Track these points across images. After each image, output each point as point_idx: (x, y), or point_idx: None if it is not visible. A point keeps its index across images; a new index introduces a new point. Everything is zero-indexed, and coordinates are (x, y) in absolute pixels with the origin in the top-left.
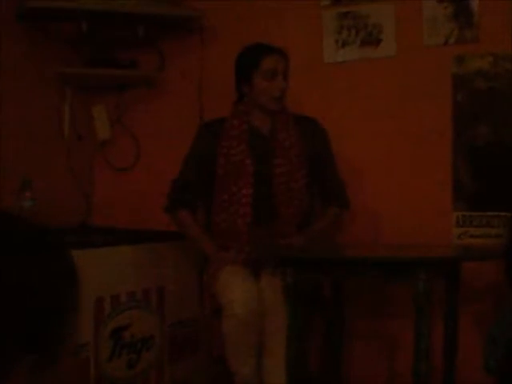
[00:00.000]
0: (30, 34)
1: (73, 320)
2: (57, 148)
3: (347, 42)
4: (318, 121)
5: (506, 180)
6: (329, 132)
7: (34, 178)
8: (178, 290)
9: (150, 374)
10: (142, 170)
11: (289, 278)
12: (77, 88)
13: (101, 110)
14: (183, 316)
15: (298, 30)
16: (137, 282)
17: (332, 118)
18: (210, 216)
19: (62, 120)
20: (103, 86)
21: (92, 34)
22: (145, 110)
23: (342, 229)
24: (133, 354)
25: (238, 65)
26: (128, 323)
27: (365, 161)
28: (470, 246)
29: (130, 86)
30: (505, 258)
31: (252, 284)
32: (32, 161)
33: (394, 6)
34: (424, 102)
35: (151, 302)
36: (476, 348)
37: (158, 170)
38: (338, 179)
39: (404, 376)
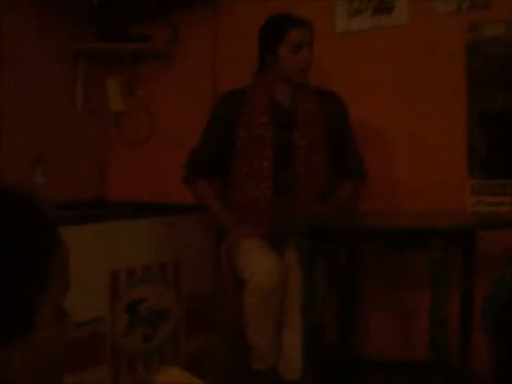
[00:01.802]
0: (43, 8)
1: (51, 285)
2: (70, 122)
3: (359, 11)
4: (339, 95)
5: None
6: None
7: (48, 153)
8: (195, 263)
9: (166, 347)
10: (157, 143)
11: (305, 249)
12: (90, 61)
13: (114, 83)
14: (199, 289)
15: (311, 1)
16: (152, 255)
17: (344, 88)
18: (228, 188)
19: (75, 94)
20: (116, 59)
21: (105, 8)
22: (158, 82)
23: (357, 198)
24: (149, 328)
25: (262, 35)
26: (144, 297)
27: (378, 129)
28: (485, 214)
29: (143, 59)
30: None
31: (274, 256)
32: (45, 135)
33: None
34: (437, 69)
35: (167, 275)
36: None
37: (172, 143)
38: (357, 153)
39: (420, 346)
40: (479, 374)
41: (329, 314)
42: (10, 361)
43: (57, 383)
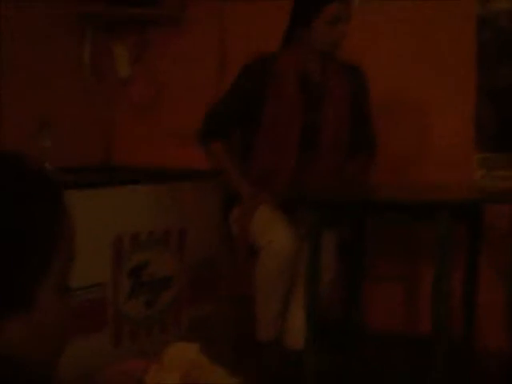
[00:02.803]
0: None
1: (54, 254)
2: (77, 86)
3: None
4: (363, 69)
5: None
6: None
7: (54, 117)
8: (200, 230)
9: (168, 313)
10: (163, 109)
11: (311, 220)
12: (98, 26)
13: (121, 49)
14: (204, 257)
15: None
16: (157, 222)
17: (357, 58)
18: (247, 154)
19: (82, 59)
20: (124, 25)
21: None
22: (166, 48)
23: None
24: (151, 294)
25: (297, 5)
26: (147, 262)
27: (388, 100)
28: (492, 187)
29: (151, 25)
30: None
31: (290, 226)
32: (52, 100)
33: None
34: (448, 42)
35: (171, 241)
36: (495, 291)
37: (178, 109)
38: (371, 128)
39: (424, 320)
40: (482, 348)
41: (335, 287)
42: (11, 332)
43: (58, 355)
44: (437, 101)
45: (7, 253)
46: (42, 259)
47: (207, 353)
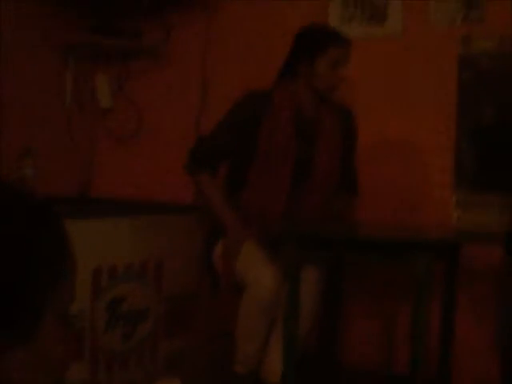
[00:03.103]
0: (35, 2)
1: (58, 291)
2: (58, 116)
3: (353, 19)
4: (354, 113)
5: (508, 162)
6: None
7: (35, 147)
8: (178, 264)
9: (144, 346)
10: (144, 141)
11: (290, 255)
12: (80, 56)
13: (103, 79)
14: (181, 290)
15: (305, 5)
16: (135, 254)
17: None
18: (237, 189)
19: (64, 88)
20: (106, 55)
21: (97, 4)
22: (148, 80)
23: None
24: (128, 326)
25: (301, 43)
26: (124, 295)
27: (367, 139)
28: (470, 228)
29: (133, 56)
30: (505, 242)
31: (276, 265)
32: (33, 129)
33: None
34: (429, 81)
35: (148, 274)
36: (473, 330)
37: (159, 141)
38: (355, 169)
39: (400, 357)
40: None
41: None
42: (12, 361)
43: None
44: (417, 140)
45: (14, 280)
46: (48, 287)
47: None
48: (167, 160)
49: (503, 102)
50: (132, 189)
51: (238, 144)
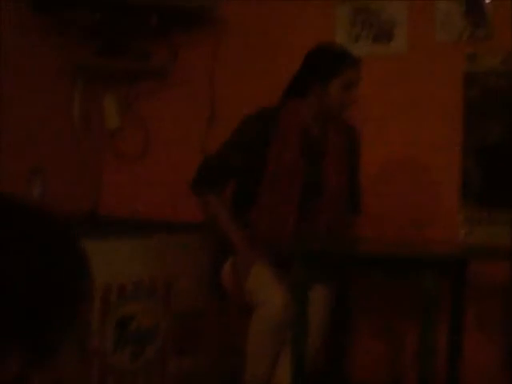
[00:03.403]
0: (44, 22)
1: (78, 312)
2: (67, 136)
3: (360, 37)
4: (358, 131)
5: None
6: None
7: (44, 166)
8: (187, 282)
9: (153, 365)
10: (151, 161)
11: (298, 274)
12: (88, 77)
13: (111, 100)
14: (191, 308)
15: (311, 24)
16: (144, 273)
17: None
18: (245, 209)
19: (73, 108)
20: (114, 76)
21: (105, 25)
22: (155, 100)
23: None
24: (137, 345)
25: (315, 64)
26: (133, 314)
27: (376, 156)
28: (476, 245)
29: (141, 77)
30: None
31: (285, 285)
32: (42, 149)
33: (406, 1)
34: (435, 98)
35: (157, 292)
36: (480, 347)
37: (166, 161)
38: (359, 188)
39: (409, 375)
40: None
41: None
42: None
43: None
44: (423, 158)
45: (39, 305)
46: (71, 313)
47: None
48: (175, 179)
49: (509, 119)
50: (140, 208)
51: (245, 163)
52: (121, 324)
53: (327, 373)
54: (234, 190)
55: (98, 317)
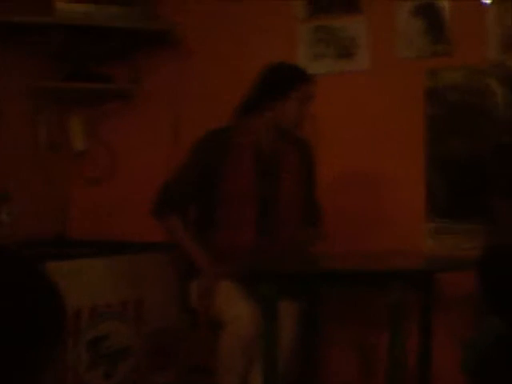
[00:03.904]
0: (6, 47)
1: (52, 352)
2: (33, 160)
3: (322, 55)
4: (309, 142)
5: (478, 192)
6: None
7: (10, 191)
8: (157, 301)
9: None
10: (118, 182)
11: (266, 291)
12: (53, 100)
13: (76, 122)
14: (162, 327)
15: (273, 43)
16: (114, 294)
17: (305, 130)
18: (205, 229)
19: (38, 132)
20: (79, 99)
21: (68, 48)
22: (120, 122)
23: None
24: (110, 365)
25: (271, 80)
26: (105, 334)
27: (339, 172)
28: (443, 256)
29: (106, 99)
30: (478, 269)
31: (252, 301)
32: (8, 173)
33: (367, 19)
34: (397, 114)
35: (129, 313)
36: (450, 358)
37: (133, 182)
38: (317, 201)
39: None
40: None
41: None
42: None
43: None
44: (389, 172)
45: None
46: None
47: None
48: (141, 201)
49: (470, 134)
50: (107, 229)
51: (201, 184)
52: (93, 344)
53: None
54: (194, 211)
55: (71, 337)
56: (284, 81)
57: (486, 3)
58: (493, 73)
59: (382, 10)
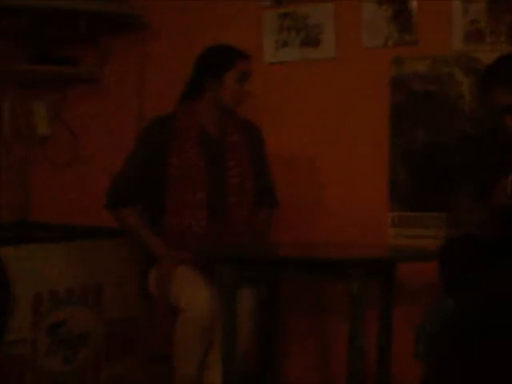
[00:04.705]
0: None
1: None
2: None
3: (287, 43)
4: (257, 124)
5: (441, 182)
6: (266, 131)
7: None
8: (118, 288)
9: (86, 370)
10: (81, 166)
11: (225, 277)
12: (17, 84)
13: (40, 106)
14: (122, 314)
15: (238, 30)
16: (75, 279)
17: (271, 118)
18: (160, 215)
19: (2, 116)
20: (43, 82)
21: (33, 31)
22: (85, 106)
23: (278, 227)
24: (69, 350)
25: (207, 60)
26: (65, 319)
27: (302, 160)
28: (404, 246)
29: (70, 83)
30: (439, 259)
31: (209, 287)
32: None
33: (333, 7)
34: (362, 103)
35: (89, 298)
36: (409, 346)
37: (96, 167)
38: (270, 180)
39: (339, 373)
40: None
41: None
42: None
43: None
44: (352, 161)
45: None
46: None
47: None
48: (105, 186)
49: (435, 124)
50: (70, 214)
51: (149, 172)
52: (53, 329)
53: (260, 373)
54: (145, 199)
55: (30, 322)
56: (220, 60)
57: None
58: (458, 63)
59: None
